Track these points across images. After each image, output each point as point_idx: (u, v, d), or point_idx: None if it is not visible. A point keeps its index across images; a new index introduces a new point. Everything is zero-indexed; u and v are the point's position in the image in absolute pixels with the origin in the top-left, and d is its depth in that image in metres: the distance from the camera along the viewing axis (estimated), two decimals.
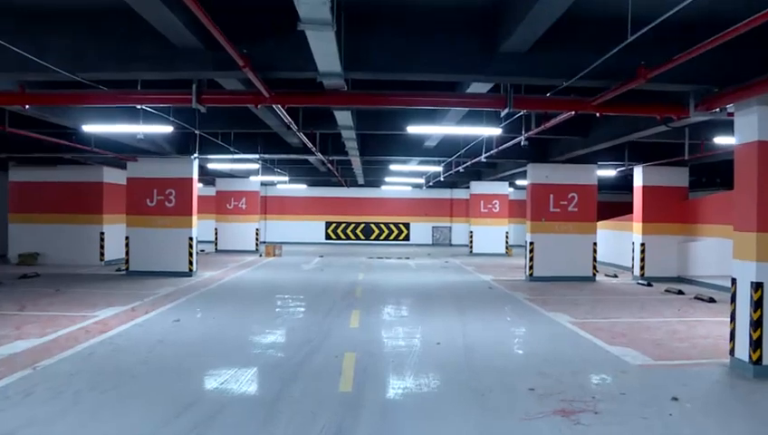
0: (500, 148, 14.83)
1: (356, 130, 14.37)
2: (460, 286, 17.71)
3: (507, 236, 30.41)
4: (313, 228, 37.94)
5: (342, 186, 35.52)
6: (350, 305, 13.61)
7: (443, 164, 22.03)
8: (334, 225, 38.22)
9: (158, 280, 17.45)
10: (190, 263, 18.96)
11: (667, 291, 16.49)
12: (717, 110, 8.57)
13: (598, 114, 8.99)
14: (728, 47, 6.94)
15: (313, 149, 15.62)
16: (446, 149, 18.93)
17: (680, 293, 16.05)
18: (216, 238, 30.25)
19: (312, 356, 8.89)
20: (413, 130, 12.40)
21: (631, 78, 7.73)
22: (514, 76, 8.20)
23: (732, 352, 8.37)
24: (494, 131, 12.03)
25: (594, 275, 19.17)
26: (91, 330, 10.38)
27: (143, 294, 14.62)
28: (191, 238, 19.00)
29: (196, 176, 19.54)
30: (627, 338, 10.23)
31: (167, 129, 12.18)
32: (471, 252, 29.95)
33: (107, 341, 9.64)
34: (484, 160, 15.60)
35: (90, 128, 12.23)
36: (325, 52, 6.76)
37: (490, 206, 30.27)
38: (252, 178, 27.47)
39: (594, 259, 19.24)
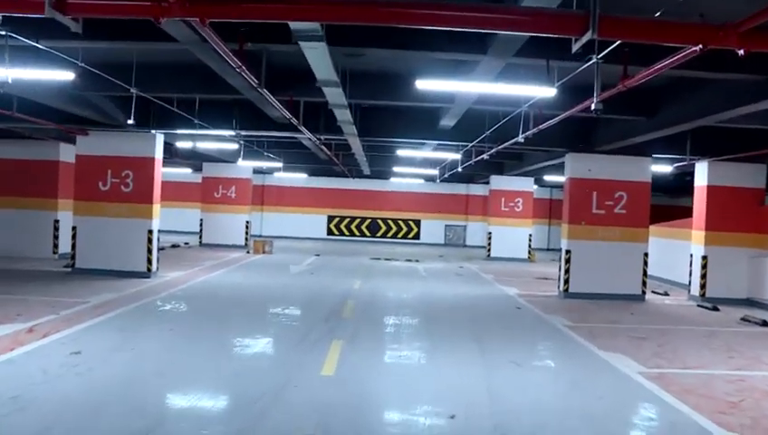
0: (540, 127, 11.09)
1: (348, 97, 10.72)
2: (479, 303, 14.08)
3: (530, 239, 26.61)
4: (314, 222, 34.22)
5: (346, 176, 31.85)
6: (332, 332, 10.00)
7: (462, 151, 18.22)
8: (337, 219, 34.52)
9: (105, 282, 13.93)
10: (149, 261, 15.44)
11: (744, 320, 12.76)
12: None
13: (741, 52, 5.21)
14: None
15: (294, 121, 11.96)
16: (466, 130, 15.12)
17: (765, 324, 12.34)
18: (201, 230, 26.76)
19: None
20: (424, 86, 8.59)
21: None
22: None
23: None
24: (546, 92, 8.27)
25: (643, 292, 15.46)
26: None
27: (68, 303, 11.18)
28: (151, 231, 15.47)
29: (159, 156, 16.00)
30: (747, 416, 6.54)
31: (64, 75, 8.54)
32: (489, 255, 26.18)
33: None
34: (521, 141, 11.84)
35: None
36: None
37: (512, 204, 26.46)
38: (240, 163, 23.81)
39: (644, 273, 15.52)
